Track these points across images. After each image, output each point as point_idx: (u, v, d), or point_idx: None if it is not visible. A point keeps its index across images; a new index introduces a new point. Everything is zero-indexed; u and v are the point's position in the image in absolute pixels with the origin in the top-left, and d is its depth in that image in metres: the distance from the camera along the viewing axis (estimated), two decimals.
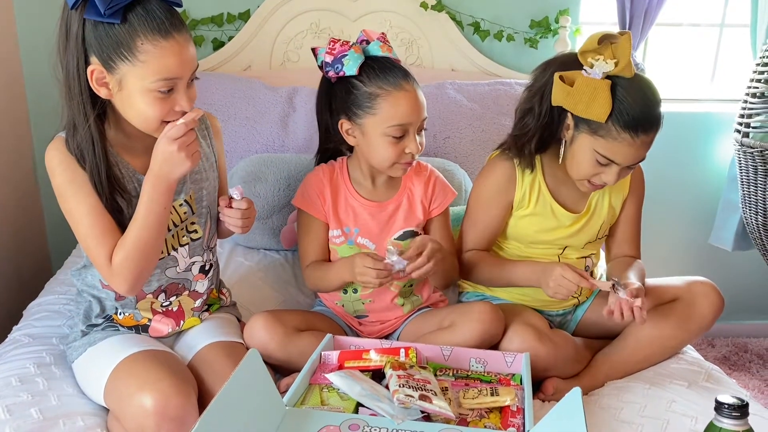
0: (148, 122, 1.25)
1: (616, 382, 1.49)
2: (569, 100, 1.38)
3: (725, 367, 2.53)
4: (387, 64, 1.47)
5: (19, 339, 1.50)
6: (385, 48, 1.49)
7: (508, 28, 2.37)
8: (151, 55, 1.19)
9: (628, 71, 1.36)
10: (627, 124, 1.35)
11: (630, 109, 1.35)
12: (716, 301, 1.51)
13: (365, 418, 1.14)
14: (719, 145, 2.56)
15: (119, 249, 1.27)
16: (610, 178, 1.43)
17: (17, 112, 2.26)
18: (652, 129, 1.38)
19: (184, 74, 1.23)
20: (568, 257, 1.59)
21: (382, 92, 1.44)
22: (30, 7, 2.21)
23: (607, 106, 1.34)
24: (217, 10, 2.28)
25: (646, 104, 1.36)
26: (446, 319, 1.49)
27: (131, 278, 1.28)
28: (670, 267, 2.57)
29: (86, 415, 1.28)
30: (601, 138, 1.38)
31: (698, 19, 2.62)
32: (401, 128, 1.45)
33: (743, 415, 0.94)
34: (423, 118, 1.48)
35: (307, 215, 1.57)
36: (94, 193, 1.26)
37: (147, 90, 1.21)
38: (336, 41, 1.49)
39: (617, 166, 1.41)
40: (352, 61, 1.45)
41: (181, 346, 1.44)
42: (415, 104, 1.46)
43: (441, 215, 1.61)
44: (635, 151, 1.39)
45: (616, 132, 1.36)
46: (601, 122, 1.36)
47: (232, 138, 2.07)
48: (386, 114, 1.44)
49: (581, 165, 1.45)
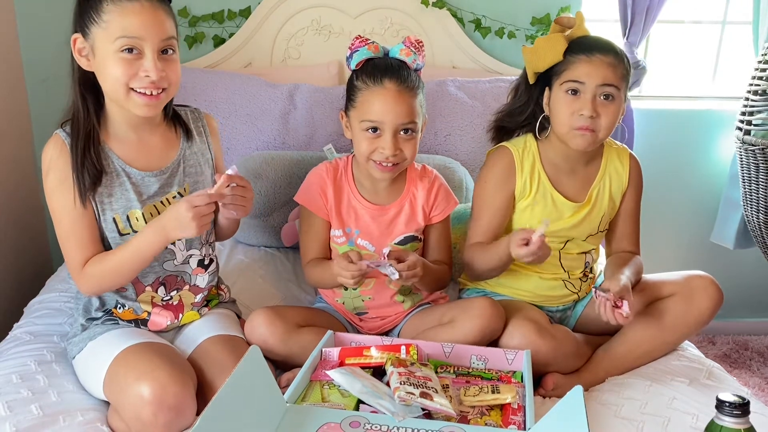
0: (115, 86, 1.28)
1: (617, 378, 1.49)
2: (533, 60, 1.52)
3: (726, 364, 2.53)
4: (390, 63, 1.48)
5: (19, 336, 1.50)
6: (405, 52, 1.49)
7: (509, 25, 2.37)
8: (114, 14, 1.25)
9: (580, 32, 1.51)
10: (579, 48, 1.48)
11: (580, 43, 1.49)
12: (715, 295, 1.52)
13: (366, 415, 1.14)
14: (721, 143, 2.56)
15: (97, 262, 1.33)
16: (586, 105, 1.46)
17: (18, 108, 2.25)
18: (606, 50, 1.47)
19: (146, 36, 1.26)
20: (569, 252, 1.60)
21: (363, 87, 1.47)
22: (30, 6, 2.21)
23: (560, 45, 1.49)
24: (217, 6, 2.28)
25: (595, 39, 1.51)
26: (446, 315, 1.49)
27: (97, 289, 1.38)
28: (671, 264, 2.55)
29: (86, 410, 1.28)
30: (565, 71, 1.49)
31: (700, 16, 2.61)
32: (372, 124, 1.46)
33: (744, 414, 0.94)
34: (401, 121, 1.45)
35: (309, 212, 1.57)
36: (78, 194, 1.30)
37: (112, 51, 1.26)
38: (359, 38, 1.50)
39: (588, 92, 1.46)
40: (357, 55, 1.48)
41: (182, 341, 1.44)
42: (391, 104, 1.44)
43: (440, 223, 1.61)
44: (595, 68, 1.46)
45: (573, 58, 1.48)
46: (561, 62, 1.49)
47: (232, 135, 2.07)
48: (362, 108, 1.47)
49: (560, 111, 1.50)
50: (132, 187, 1.35)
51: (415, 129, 1.48)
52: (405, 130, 1.47)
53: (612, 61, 1.46)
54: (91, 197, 1.32)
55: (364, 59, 1.48)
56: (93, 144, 1.32)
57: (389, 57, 1.50)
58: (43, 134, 2.28)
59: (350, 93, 1.51)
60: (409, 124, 1.46)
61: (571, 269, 1.61)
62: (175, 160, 1.41)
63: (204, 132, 1.47)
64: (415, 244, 1.58)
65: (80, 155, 1.30)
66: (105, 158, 1.34)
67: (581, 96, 1.47)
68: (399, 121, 1.45)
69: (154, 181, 1.37)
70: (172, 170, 1.40)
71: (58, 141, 1.32)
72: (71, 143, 1.31)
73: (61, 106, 1.36)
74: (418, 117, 1.48)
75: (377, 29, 2.31)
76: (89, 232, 1.34)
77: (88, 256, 1.34)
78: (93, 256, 1.34)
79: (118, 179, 1.35)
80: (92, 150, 1.31)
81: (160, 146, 1.40)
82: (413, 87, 1.47)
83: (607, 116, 1.47)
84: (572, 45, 1.49)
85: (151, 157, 1.38)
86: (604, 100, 1.46)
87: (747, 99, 2.27)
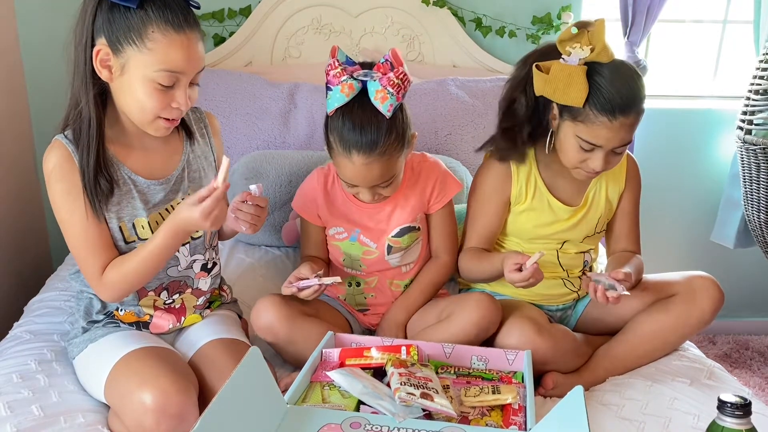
0: (143, 113, 1.26)
1: (617, 378, 1.49)
2: (548, 88, 1.40)
3: (726, 364, 2.53)
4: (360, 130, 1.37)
5: (20, 335, 1.50)
6: (380, 95, 1.36)
7: (510, 24, 2.36)
8: (160, 44, 1.20)
9: (603, 56, 1.38)
10: (603, 106, 1.36)
11: (606, 92, 1.36)
12: (716, 295, 1.51)
13: (366, 416, 1.14)
14: (721, 142, 2.56)
15: (116, 268, 1.30)
16: (597, 163, 1.43)
17: (18, 107, 2.25)
18: (629, 110, 1.37)
19: (187, 70, 1.24)
20: (566, 252, 1.60)
21: (335, 146, 1.42)
22: (30, 6, 2.21)
23: (582, 90, 1.36)
24: (218, 5, 2.28)
25: (622, 86, 1.37)
26: (445, 310, 1.50)
27: (119, 294, 1.34)
28: (671, 264, 2.56)
29: (87, 411, 1.28)
30: (581, 123, 1.40)
31: (701, 16, 2.61)
32: (348, 184, 1.45)
33: (746, 414, 0.94)
34: (375, 183, 1.43)
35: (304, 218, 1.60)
36: (89, 203, 1.27)
37: (148, 79, 1.22)
38: (335, 67, 1.40)
39: (601, 151, 1.42)
40: (332, 100, 1.39)
41: (182, 343, 1.44)
42: (363, 173, 1.40)
43: (443, 209, 1.60)
44: (614, 133, 1.39)
45: (594, 116, 1.38)
46: (579, 108, 1.38)
47: (233, 134, 2.07)
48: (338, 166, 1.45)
49: (568, 152, 1.46)
50: (138, 195, 1.33)
51: (394, 178, 1.46)
52: (381, 185, 1.46)
53: (633, 120, 1.39)
54: (104, 208, 1.30)
55: (335, 108, 1.39)
56: (105, 158, 1.28)
57: (365, 98, 1.38)
58: (43, 135, 2.29)
59: (327, 139, 1.45)
60: (385, 182, 1.45)
61: (570, 268, 1.61)
62: (179, 167, 1.39)
63: (206, 133, 1.46)
64: (413, 234, 1.58)
65: (93, 170, 1.26)
66: (112, 167, 1.31)
67: (594, 152, 1.43)
68: (373, 183, 1.44)
69: (160, 189, 1.36)
70: (177, 178, 1.38)
71: (61, 148, 1.28)
72: (81, 157, 1.26)
73: (60, 107, 1.33)
74: (397, 166, 1.45)
75: (378, 28, 2.31)
76: (102, 239, 1.30)
77: (105, 262, 1.30)
78: (110, 262, 1.31)
79: (125, 187, 1.32)
80: (104, 164, 1.28)
81: (163, 152, 1.38)
82: (384, 152, 1.39)
83: (613, 163, 1.46)
84: (594, 90, 1.36)
85: (155, 165, 1.36)
86: (615, 153, 1.44)
87: (748, 98, 2.27)
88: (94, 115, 1.26)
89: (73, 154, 1.27)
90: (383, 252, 1.56)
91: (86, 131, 1.26)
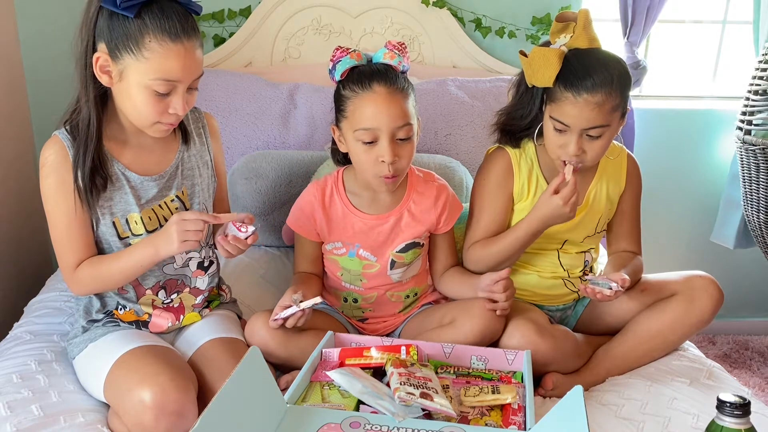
0: (141, 118, 1.29)
1: (617, 378, 1.49)
2: (527, 72, 1.45)
3: (726, 364, 2.53)
4: (375, 68, 1.43)
5: (20, 336, 1.50)
6: (388, 56, 1.44)
7: (509, 24, 2.37)
8: (156, 54, 1.21)
9: (581, 41, 1.42)
10: (567, 82, 1.40)
11: (572, 69, 1.40)
12: (716, 295, 1.52)
13: (366, 416, 1.14)
14: (721, 143, 2.56)
15: (90, 267, 1.33)
16: (571, 147, 1.43)
17: (18, 107, 2.25)
18: (596, 89, 1.38)
19: (184, 79, 1.25)
20: (567, 252, 1.60)
21: (351, 95, 1.42)
22: (30, 6, 2.21)
23: (553, 70, 1.40)
24: (218, 6, 2.28)
25: (591, 65, 1.40)
26: (447, 315, 1.49)
27: (87, 291, 1.38)
28: (671, 264, 2.55)
29: (87, 411, 1.28)
30: (553, 103, 1.43)
31: (700, 16, 2.61)
32: (367, 132, 1.40)
33: (745, 414, 0.94)
34: (397, 124, 1.40)
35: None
36: (78, 200, 1.30)
37: (145, 86, 1.24)
38: (339, 48, 1.46)
39: (574, 133, 1.42)
40: (341, 66, 1.44)
41: (182, 342, 1.44)
42: (383, 108, 1.39)
43: (449, 230, 1.60)
44: (579, 110, 1.39)
45: (560, 92, 1.41)
46: (553, 88, 1.42)
47: (232, 135, 2.07)
48: (354, 117, 1.42)
49: (547, 137, 1.48)
50: (131, 191, 1.35)
51: (411, 132, 1.44)
52: (401, 138, 1.42)
53: (600, 100, 1.38)
54: (95, 203, 1.32)
55: (347, 68, 1.43)
56: (101, 156, 1.31)
57: (373, 63, 1.45)
58: (43, 134, 2.28)
59: (339, 104, 1.45)
60: (405, 127, 1.41)
61: (571, 268, 1.61)
62: (174, 164, 1.40)
63: (204, 133, 1.47)
64: (417, 251, 1.56)
65: (89, 167, 1.28)
66: (106, 163, 1.33)
67: (567, 134, 1.43)
68: (394, 124, 1.40)
69: (153, 185, 1.37)
70: (171, 174, 1.40)
71: (57, 143, 1.30)
72: (76, 153, 1.29)
73: (60, 106, 1.35)
74: (413, 119, 1.44)
75: (377, 29, 2.31)
76: (84, 236, 1.34)
77: (81, 258, 1.34)
78: (86, 259, 1.34)
79: (118, 183, 1.34)
80: (100, 162, 1.30)
81: (158, 150, 1.39)
82: (403, 88, 1.42)
83: (593, 151, 1.45)
84: (564, 69, 1.40)
85: (149, 161, 1.38)
86: (591, 138, 1.44)
87: (747, 99, 2.27)
88: (94, 116, 1.29)
89: (68, 150, 1.30)
90: (385, 267, 1.54)
91: (85, 129, 1.29)
